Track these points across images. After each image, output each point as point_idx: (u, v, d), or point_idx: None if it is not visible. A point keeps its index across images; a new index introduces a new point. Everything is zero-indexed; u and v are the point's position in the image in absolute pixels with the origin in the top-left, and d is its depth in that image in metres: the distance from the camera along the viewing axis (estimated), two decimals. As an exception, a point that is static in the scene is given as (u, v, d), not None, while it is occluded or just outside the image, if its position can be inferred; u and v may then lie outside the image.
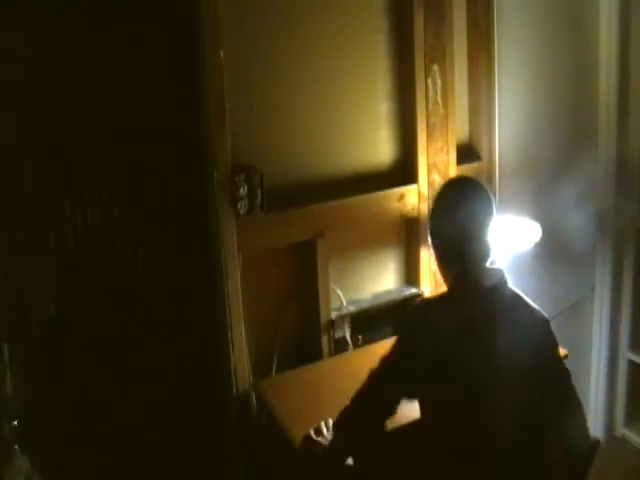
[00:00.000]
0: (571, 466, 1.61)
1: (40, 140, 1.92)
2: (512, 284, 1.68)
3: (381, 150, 2.37)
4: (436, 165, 2.40)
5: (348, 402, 1.70)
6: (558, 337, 1.69)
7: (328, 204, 2.23)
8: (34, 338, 1.98)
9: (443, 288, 2.46)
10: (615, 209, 2.75)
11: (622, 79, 2.65)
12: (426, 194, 2.40)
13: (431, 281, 2.47)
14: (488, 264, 1.67)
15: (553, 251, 2.52)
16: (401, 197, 2.37)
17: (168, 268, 2.13)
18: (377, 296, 2.45)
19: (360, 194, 2.29)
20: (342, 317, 2.34)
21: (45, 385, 2.02)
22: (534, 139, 2.63)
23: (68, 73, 1.91)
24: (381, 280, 2.46)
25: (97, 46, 1.94)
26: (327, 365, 2.29)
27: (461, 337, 1.57)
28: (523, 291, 1.70)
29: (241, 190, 2.07)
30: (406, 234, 2.46)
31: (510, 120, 2.55)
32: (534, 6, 2.56)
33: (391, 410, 1.65)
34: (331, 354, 2.34)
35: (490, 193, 1.70)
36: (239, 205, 2.07)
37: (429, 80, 2.33)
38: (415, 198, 2.39)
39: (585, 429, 1.64)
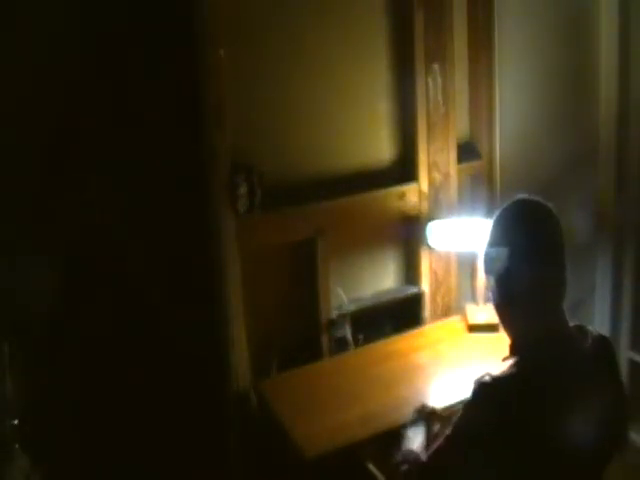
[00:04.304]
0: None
1: (40, 139, 1.92)
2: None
3: (381, 149, 2.37)
4: (436, 164, 2.40)
5: None
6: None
7: (328, 203, 2.23)
8: (34, 338, 1.98)
9: (443, 288, 2.52)
10: (615, 209, 2.75)
11: (622, 79, 2.65)
12: (427, 192, 2.40)
13: (431, 280, 2.47)
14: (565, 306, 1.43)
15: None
16: (402, 195, 2.36)
17: (168, 267, 2.13)
18: (378, 295, 2.45)
19: (360, 193, 2.29)
20: (343, 316, 2.33)
21: (45, 385, 2.01)
22: (534, 138, 2.63)
23: (68, 72, 1.91)
24: (382, 279, 2.46)
25: (97, 46, 1.94)
26: (328, 365, 2.28)
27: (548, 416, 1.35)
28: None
29: (241, 189, 2.07)
30: (407, 232, 2.46)
31: (510, 119, 2.55)
32: (534, 6, 2.56)
33: None
34: (332, 354, 2.33)
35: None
36: (239, 204, 2.07)
37: (429, 79, 2.33)
38: (416, 196, 2.39)
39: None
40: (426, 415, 1.78)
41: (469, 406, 1.40)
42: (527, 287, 1.42)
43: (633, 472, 2.48)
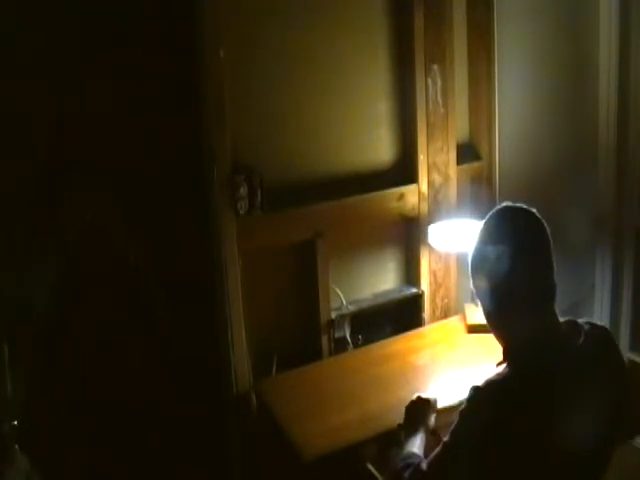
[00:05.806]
0: None
1: (40, 140, 1.92)
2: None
3: (381, 150, 2.37)
4: (436, 165, 2.41)
5: None
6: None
7: (328, 204, 2.24)
8: (34, 338, 1.98)
9: (442, 289, 2.52)
10: (615, 208, 2.75)
11: (622, 79, 2.64)
12: (426, 194, 2.40)
13: (430, 281, 2.47)
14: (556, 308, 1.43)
15: (553, 251, 2.52)
16: (401, 197, 2.37)
17: (168, 268, 2.13)
18: (377, 296, 2.45)
19: (360, 194, 2.29)
20: (342, 317, 2.34)
21: (45, 385, 2.02)
22: (534, 139, 2.62)
23: (68, 73, 1.91)
24: (381, 280, 2.46)
25: (97, 46, 1.94)
26: (327, 365, 2.29)
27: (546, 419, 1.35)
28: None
29: (241, 190, 2.07)
30: (406, 234, 2.46)
31: (510, 120, 2.55)
32: (534, 6, 2.56)
33: None
34: (331, 354, 2.34)
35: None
36: (239, 205, 2.08)
37: (429, 80, 2.33)
38: (415, 198, 2.39)
39: None
40: (422, 405, 1.78)
41: (464, 411, 1.41)
42: (515, 291, 1.41)
43: (633, 472, 2.47)
